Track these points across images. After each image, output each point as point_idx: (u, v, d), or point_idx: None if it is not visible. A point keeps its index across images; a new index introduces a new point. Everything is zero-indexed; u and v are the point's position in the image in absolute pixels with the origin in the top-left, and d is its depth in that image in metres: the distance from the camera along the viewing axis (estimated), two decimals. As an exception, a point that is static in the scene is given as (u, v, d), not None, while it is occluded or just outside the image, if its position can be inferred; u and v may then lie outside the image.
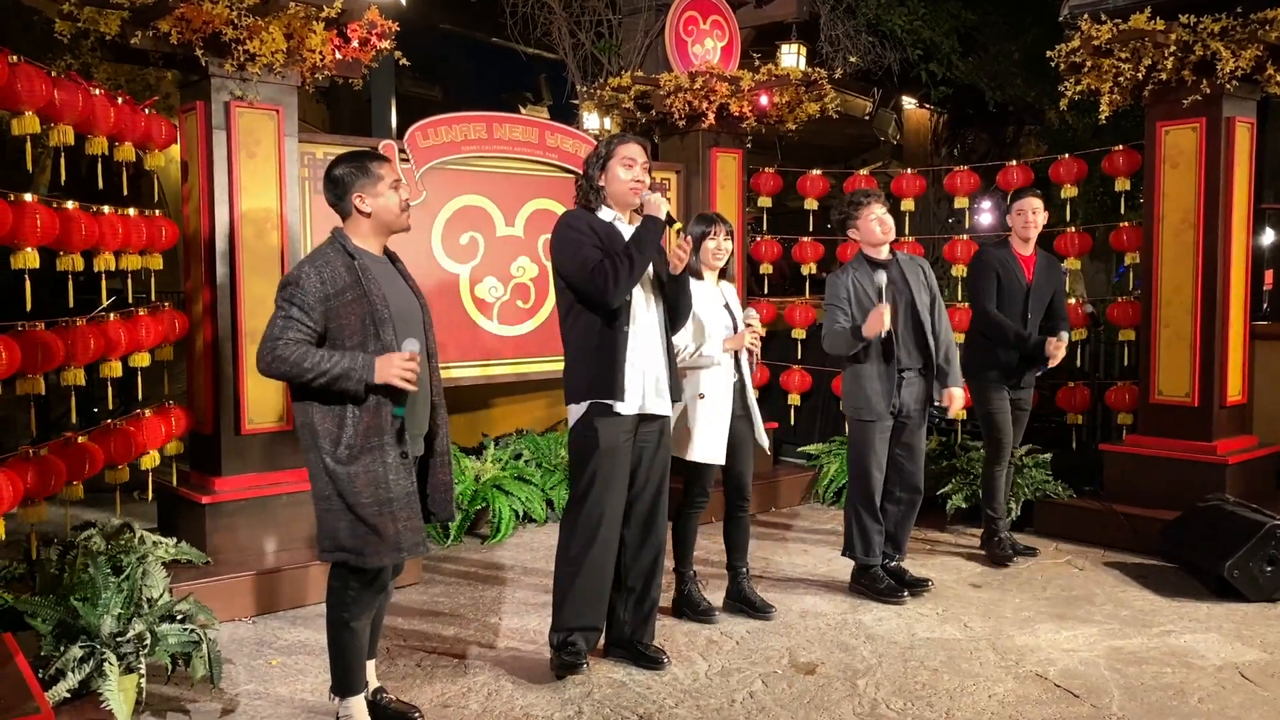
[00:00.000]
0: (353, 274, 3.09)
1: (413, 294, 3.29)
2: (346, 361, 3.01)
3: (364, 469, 3.06)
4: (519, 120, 5.96)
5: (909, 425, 4.69)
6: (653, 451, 3.87)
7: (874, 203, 4.63)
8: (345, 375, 3.00)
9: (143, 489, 4.82)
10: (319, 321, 3.06)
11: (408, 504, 3.11)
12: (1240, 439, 5.68)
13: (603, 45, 8.45)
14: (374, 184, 3.15)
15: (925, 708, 3.59)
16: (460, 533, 5.66)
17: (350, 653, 3.23)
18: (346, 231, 3.20)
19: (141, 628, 3.47)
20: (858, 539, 4.75)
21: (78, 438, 4.09)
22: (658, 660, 3.93)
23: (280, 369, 3.02)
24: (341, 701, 3.28)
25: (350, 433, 3.06)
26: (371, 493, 3.06)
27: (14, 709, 2.86)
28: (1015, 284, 5.22)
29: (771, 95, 6.32)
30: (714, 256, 4.31)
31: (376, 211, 3.17)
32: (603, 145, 3.82)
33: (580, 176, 3.85)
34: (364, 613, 3.23)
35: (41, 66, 3.80)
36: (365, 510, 3.07)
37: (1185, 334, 5.54)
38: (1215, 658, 4.03)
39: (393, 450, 3.08)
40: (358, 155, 3.23)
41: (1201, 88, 5.25)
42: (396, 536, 3.09)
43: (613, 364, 3.68)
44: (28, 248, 3.74)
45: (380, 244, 3.25)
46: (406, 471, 3.12)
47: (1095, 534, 5.62)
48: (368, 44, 4.84)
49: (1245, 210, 5.60)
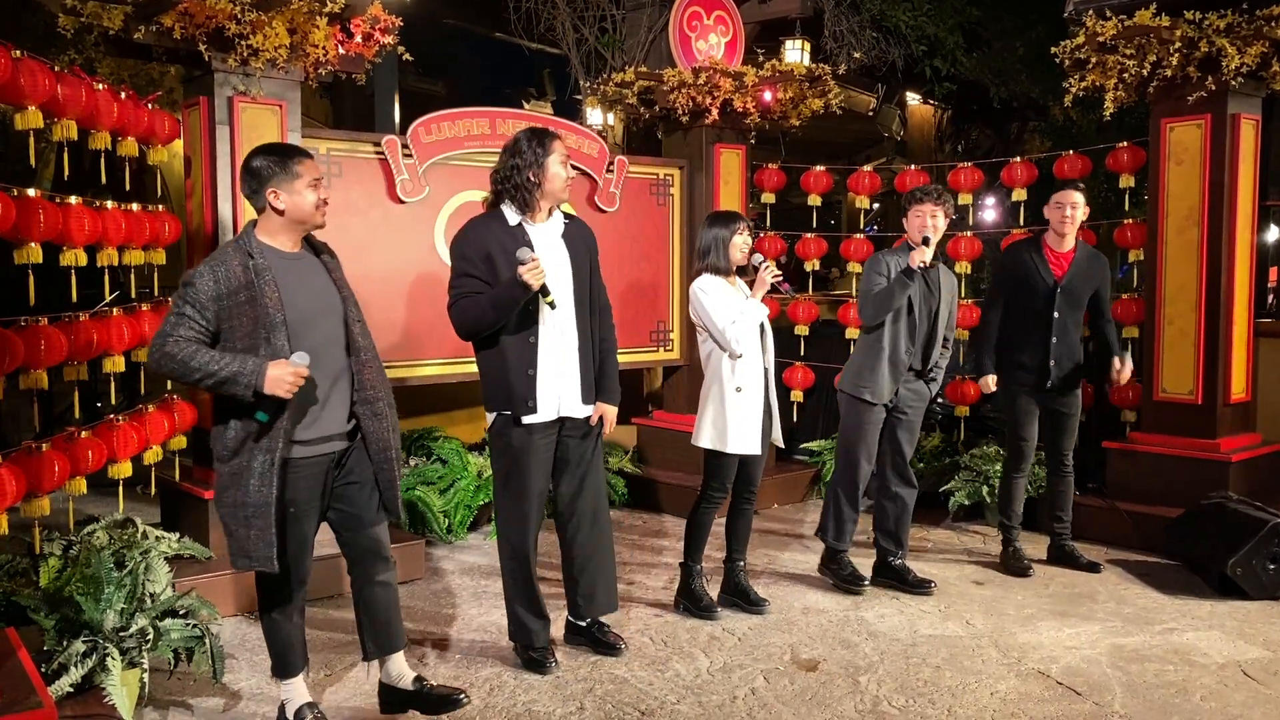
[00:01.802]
0: (248, 275, 3.05)
1: (334, 289, 3.23)
2: (235, 365, 2.97)
3: (231, 470, 3.07)
4: (522, 116, 5.96)
5: (902, 421, 4.77)
6: (579, 445, 3.88)
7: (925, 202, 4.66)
8: (233, 379, 2.96)
9: (145, 484, 4.82)
10: (211, 321, 3.03)
11: (262, 513, 3.05)
12: (1244, 437, 5.67)
13: (606, 40, 8.43)
14: (291, 180, 3.11)
15: (927, 705, 3.58)
16: (464, 529, 5.67)
17: (277, 640, 3.29)
18: (258, 226, 3.17)
19: (144, 623, 3.47)
20: (832, 523, 4.84)
21: (80, 432, 4.10)
22: (614, 646, 4.02)
23: (168, 365, 3.00)
24: (281, 682, 3.35)
25: (231, 434, 3.06)
26: (231, 495, 3.07)
27: (17, 703, 2.87)
28: (1038, 283, 4.97)
29: (775, 91, 6.30)
30: (743, 254, 4.33)
31: (290, 209, 3.13)
32: (528, 142, 3.72)
33: (502, 174, 3.76)
34: (278, 607, 3.25)
35: (45, 61, 3.79)
36: (224, 511, 3.10)
37: (1189, 331, 5.53)
38: (1218, 655, 4.02)
39: (261, 456, 3.05)
40: (279, 148, 3.22)
41: (1207, 84, 5.24)
42: (246, 541, 3.07)
43: (520, 378, 3.69)
44: (31, 243, 3.74)
45: (295, 239, 3.20)
46: (270, 481, 3.05)
47: (1098, 531, 5.61)
48: (371, 39, 4.83)
49: (1250, 207, 5.59)
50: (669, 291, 6.51)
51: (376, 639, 3.41)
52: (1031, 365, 5.00)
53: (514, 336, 3.69)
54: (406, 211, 5.37)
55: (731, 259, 4.32)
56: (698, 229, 6.40)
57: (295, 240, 3.20)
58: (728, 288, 4.32)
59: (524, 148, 3.71)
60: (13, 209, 3.56)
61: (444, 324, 5.53)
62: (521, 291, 3.57)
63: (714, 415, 4.28)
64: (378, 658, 3.44)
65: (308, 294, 3.15)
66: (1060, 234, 5.01)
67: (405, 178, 5.32)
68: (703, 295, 4.28)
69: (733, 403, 4.25)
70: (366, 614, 3.39)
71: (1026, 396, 5.05)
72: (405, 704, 3.44)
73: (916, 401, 4.79)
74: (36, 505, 3.82)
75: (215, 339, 3.07)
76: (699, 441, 4.33)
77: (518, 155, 3.72)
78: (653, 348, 6.45)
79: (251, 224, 3.18)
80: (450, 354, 5.53)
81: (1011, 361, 5.07)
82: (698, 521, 4.45)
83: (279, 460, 3.06)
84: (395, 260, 5.34)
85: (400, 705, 3.44)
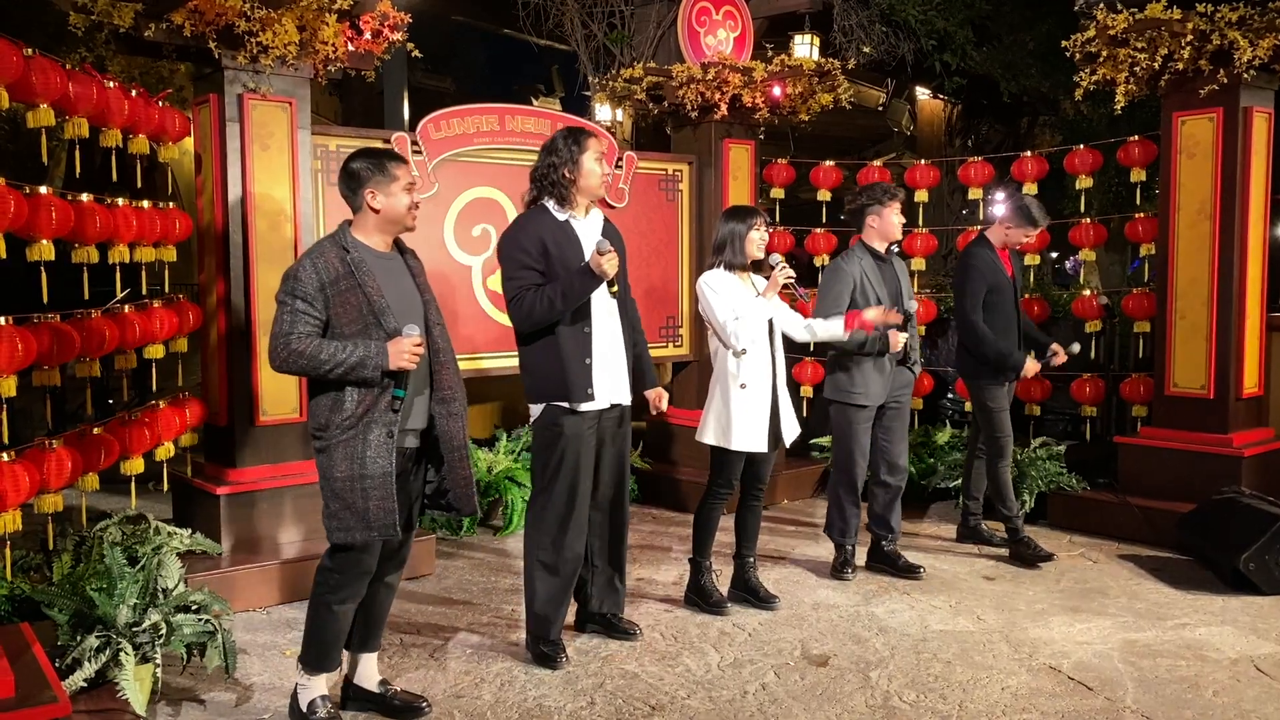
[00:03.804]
0: (346, 266, 3.15)
1: (417, 291, 3.33)
2: (361, 350, 3.08)
3: (344, 444, 3.12)
4: (531, 112, 5.95)
5: (894, 409, 4.89)
6: (613, 436, 3.96)
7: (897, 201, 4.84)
8: (361, 364, 3.07)
9: (158, 480, 4.85)
10: (323, 310, 3.12)
11: (383, 484, 3.13)
12: (1256, 431, 5.65)
13: (615, 36, 8.42)
14: (389, 183, 3.21)
15: (938, 700, 3.58)
16: (474, 524, 5.68)
17: (327, 634, 3.29)
18: (353, 225, 3.27)
19: (157, 618, 3.49)
20: (837, 521, 4.95)
21: (93, 429, 4.12)
22: (630, 632, 4.10)
23: (297, 364, 3.08)
24: (307, 675, 3.33)
25: (346, 413, 3.11)
26: (346, 467, 3.12)
27: (31, 698, 2.89)
28: (1004, 281, 5.12)
29: (784, 86, 6.29)
30: (759, 249, 4.32)
31: (385, 210, 3.23)
32: (564, 140, 3.81)
33: (540, 172, 3.85)
34: (347, 597, 3.27)
35: (56, 59, 3.81)
36: (338, 484, 3.14)
37: (1201, 326, 5.51)
38: (1230, 651, 4.01)
39: (377, 429, 3.12)
40: (377, 153, 3.28)
41: (1218, 77, 5.21)
42: (366, 513, 3.13)
43: (578, 367, 3.78)
44: (43, 240, 3.76)
45: (386, 240, 3.30)
46: (387, 452, 3.13)
47: (1109, 527, 5.60)
48: (380, 36, 4.84)
49: (1262, 201, 5.56)
50: (678, 287, 6.51)
51: (364, 636, 3.46)
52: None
53: (569, 328, 3.78)
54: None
55: (748, 254, 4.32)
56: (707, 224, 6.43)
57: (387, 241, 3.30)
58: (736, 284, 4.31)
59: (560, 146, 3.80)
60: (25, 206, 3.58)
61: (451, 320, 5.57)
62: (595, 282, 3.69)
63: (718, 412, 4.28)
64: (358, 653, 3.48)
65: (397, 293, 3.24)
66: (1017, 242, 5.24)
67: (415, 174, 5.32)
68: (708, 290, 4.29)
69: (738, 400, 4.25)
70: (364, 610, 3.42)
71: (1001, 389, 5.20)
72: (367, 704, 3.48)
73: (902, 389, 4.91)
74: (49, 501, 3.83)
75: (326, 328, 3.15)
76: (702, 437, 4.35)
77: (554, 154, 3.81)
78: (662, 343, 6.44)
79: (346, 223, 3.28)
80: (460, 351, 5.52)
81: (984, 358, 5.14)
82: (705, 517, 4.45)
83: (396, 434, 3.15)
84: (405, 256, 5.34)
85: (362, 704, 3.48)
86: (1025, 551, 5.14)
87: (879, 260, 4.83)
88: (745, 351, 4.23)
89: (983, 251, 5.18)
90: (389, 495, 3.13)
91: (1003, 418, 5.21)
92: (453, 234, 5.53)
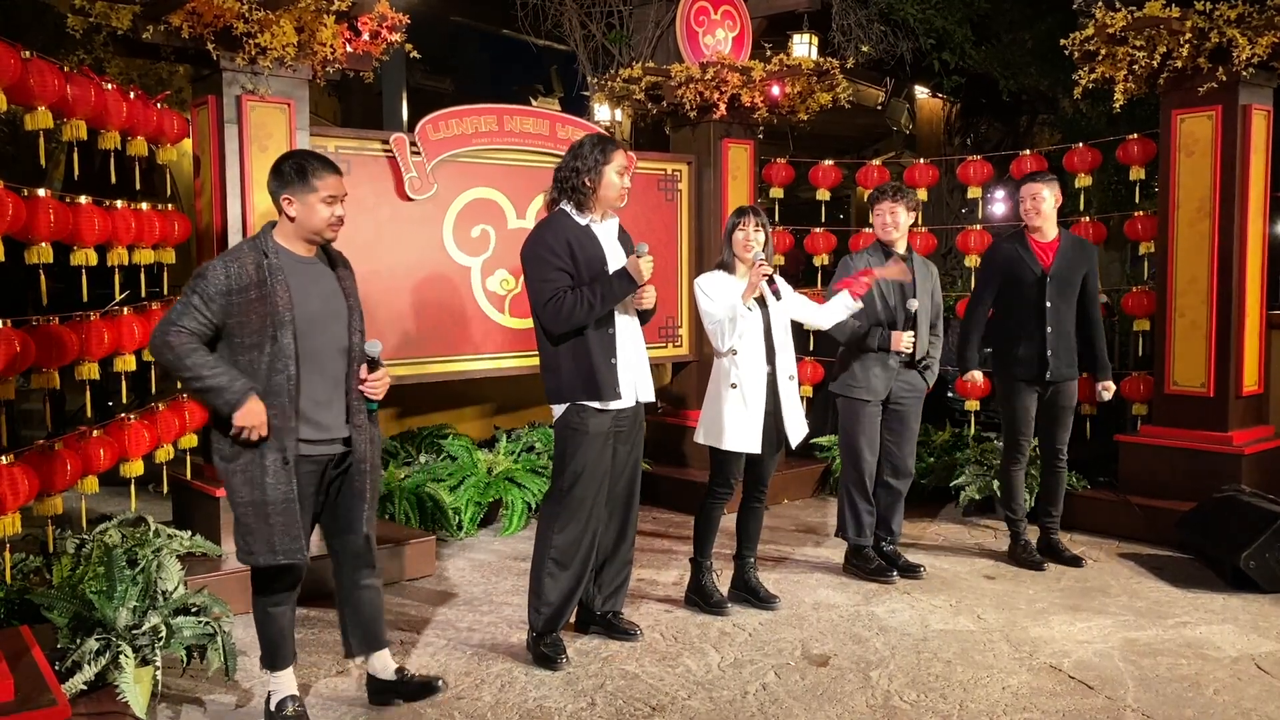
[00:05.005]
0: (260, 273, 3.11)
1: (342, 296, 3.29)
2: (225, 379, 3.05)
3: (242, 470, 3.13)
4: (530, 112, 5.94)
5: (898, 410, 4.85)
6: (628, 435, 3.99)
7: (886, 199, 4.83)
8: (217, 391, 3.05)
9: (157, 482, 4.84)
10: (216, 314, 3.09)
11: (285, 510, 3.13)
12: (1256, 429, 5.64)
13: (613, 36, 8.42)
14: (306, 193, 3.17)
15: (939, 699, 3.58)
16: (474, 525, 5.67)
17: (270, 632, 3.36)
18: (276, 228, 3.25)
19: (157, 620, 3.48)
20: (850, 520, 4.92)
21: (92, 431, 4.11)
22: (630, 632, 4.11)
23: (164, 356, 3.08)
24: (271, 674, 3.40)
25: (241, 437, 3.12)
26: (248, 493, 3.14)
27: (31, 701, 2.88)
28: (1026, 274, 4.95)
29: (783, 85, 6.29)
30: (744, 248, 4.29)
31: (300, 218, 3.20)
32: (591, 148, 3.83)
33: (562, 174, 3.87)
34: (279, 601, 3.33)
35: (54, 61, 3.81)
36: (240, 510, 3.16)
37: (1201, 324, 5.51)
38: (1231, 649, 4.01)
39: (272, 454, 3.12)
40: (306, 158, 3.24)
41: (1217, 75, 5.21)
42: (269, 537, 3.14)
43: (605, 366, 3.81)
44: (41, 242, 3.76)
45: (309, 246, 3.27)
46: (287, 477, 3.13)
47: (1110, 525, 5.60)
48: (378, 37, 4.83)
49: (1262, 199, 5.56)
50: (677, 287, 6.50)
51: (362, 639, 3.51)
52: (1029, 358, 4.95)
53: (596, 330, 3.81)
54: (415, 209, 5.37)
55: (735, 252, 4.32)
56: (706, 224, 6.43)
57: (308, 247, 3.27)
58: (729, 284, 4.28)
59: (586, 152, 3.83)
60: (23, 209, 3.58)
61: (451, 321, 5.59)
62: (633, 285, 3.74)
63: (712, 411, 4.29)
64: (363, 654, 3.54)
65: (316, 298, 3.22)
66: (1034, 226, 4.99)
67: (413, 175, 5.32)
68: (698, 291, 4.31)
69: (729, 400, 4.24)
70: (352, 616, 3.47)
71: (1025, 389, 5.01)
72: (389, 693, 3.56)
73: (910, 393, 4.86)
74: (49, 504, 3.84)
75: (217, 334, 3.12)
76: (696, 436, 4.40)
77: (579, 159, 3.83)
78: (661, 344, 6.44)
79: (270, 225, 3.26)
80: (457, 351, 5.55)
81: (1009, 355, 5.03)
82: (705, 517, 4.45)
83: (292, 457, 3.14)
84: (403, 258, 5.34)
85: (384, 695, 3.56)
86: (1022, 555, 5.12)
87: (889, 257, 4.78)
88: (734, 352, 4.22)
89: (1002, 244, 5.15)
90: (293, 520, 3.14)
91: (1015, 416, 5.08)
92: (452, 235, 5.53)
